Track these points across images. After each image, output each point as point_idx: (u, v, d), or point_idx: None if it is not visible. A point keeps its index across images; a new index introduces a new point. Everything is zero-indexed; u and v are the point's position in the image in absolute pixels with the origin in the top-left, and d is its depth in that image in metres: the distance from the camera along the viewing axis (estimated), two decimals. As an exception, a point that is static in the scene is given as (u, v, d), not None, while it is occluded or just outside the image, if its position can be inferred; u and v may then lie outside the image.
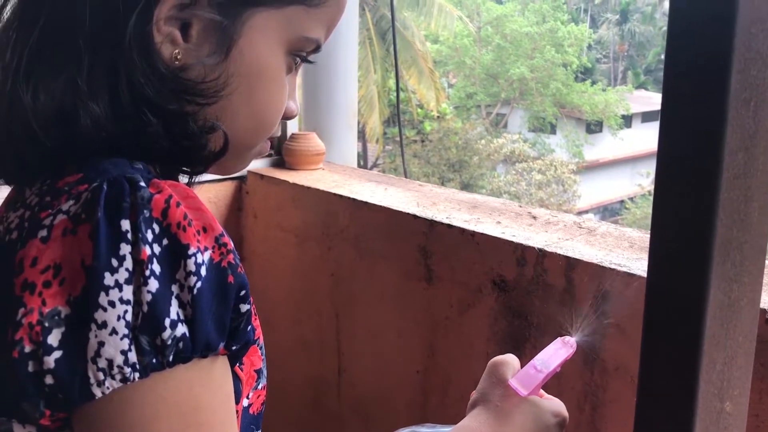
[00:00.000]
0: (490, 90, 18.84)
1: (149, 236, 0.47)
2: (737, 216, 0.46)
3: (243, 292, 0.51)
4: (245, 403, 0.62)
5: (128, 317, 0.46)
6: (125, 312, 0.46)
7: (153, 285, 0.47)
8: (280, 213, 1.71)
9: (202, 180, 0.66)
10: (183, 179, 0.62)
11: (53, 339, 0.46)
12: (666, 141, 0.48)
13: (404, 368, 1.42)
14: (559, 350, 0.78)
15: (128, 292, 0.47)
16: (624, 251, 1.13)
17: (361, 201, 1.48)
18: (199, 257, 0.48)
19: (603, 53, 27.37)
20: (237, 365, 0.58)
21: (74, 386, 0.46)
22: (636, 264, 1.06)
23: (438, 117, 15.40)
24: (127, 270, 0.47)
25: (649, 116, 20.60)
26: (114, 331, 0.46)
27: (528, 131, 19.04)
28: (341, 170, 1.79)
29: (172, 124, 0.54)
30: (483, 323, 1.25)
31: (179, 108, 0.55)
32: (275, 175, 1.73)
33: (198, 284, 0.48)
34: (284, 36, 0.59)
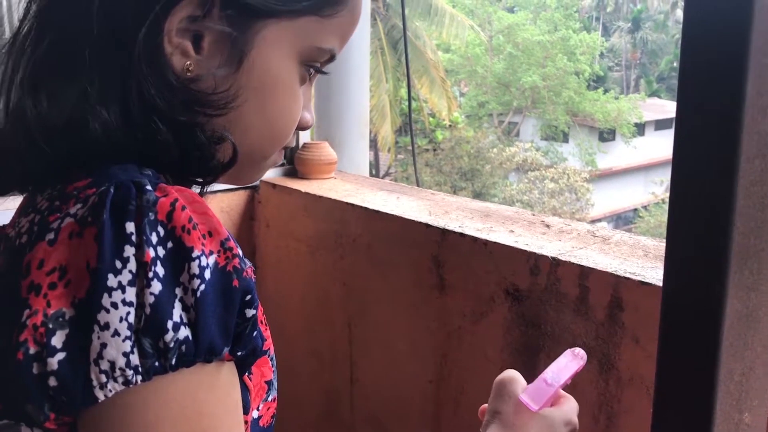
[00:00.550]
0: (502, 98, 18.83)
1: (154, 239, 0.47)
2: (754, 224, 0.46)
3: (248, 297, 0.51)
4: (255, 415, 0.62)
5: (131, 319, 0.46)
6: (128, 314, 0.46)
7: (156, 287, 0.47)
8: (293, 222, 1.71)
9: (215, 189, 0.66)
10: (196, 189, 0.62)
11: (57, 341, 0.46)
12: (681, 148, 0.47)
13: (417, 378, 1.41)
14: (570, 362, 0.77)
15: (131, 294, 0.46)
16: (639, 260, 1.12)
17: (373, 210, 1.48)
18: (204, 260, 0.48)
19: (615, 61, 27.31)
20: (246, 375, 0.58)
21: (77, 389, 0.46)
22: (651, 273, 1.05)
23: (450, 126, 15.39)
24: (131, 272, 0.47)
25: (663, 124, 20.51)
26: (116, 333, 0.46)
27: (540, 140, 19.01)
28: (353, 179, 1.79)
29: (182, 134, 0.55)
30: (496, 333, 1.24)
31: (189, 119, 0.55)
32: (287, 185, 1.73)
33: (201, 287, 0.48)
34: (297, 47, 0.59)
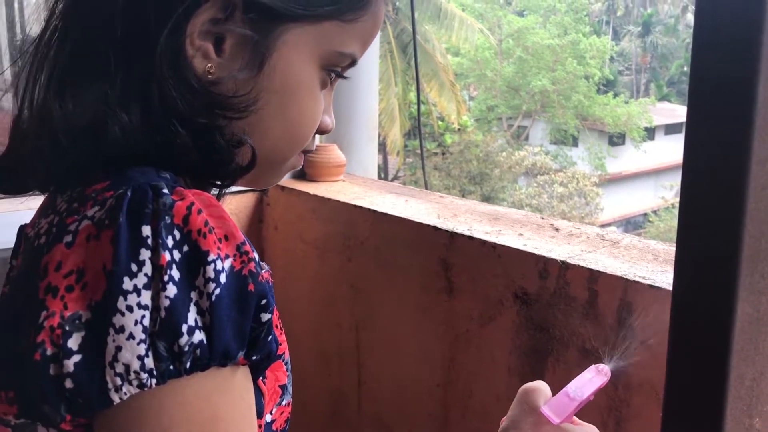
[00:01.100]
0: (512, 102, 18.80)
1: (170, 242, 0.48)
2: (765, 227, 0.45)
3: (264, 301, 0.51)
4: (268, 419, 0.62)
5: (146, 322, 0.46)
6: (143, 317, 0.46)
7: (171, 290, 0.47)
8: (301, 224, 1.71)
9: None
10: (214, 192, 0.62)
11: (73, 343, 0.46)
12: (692, 151, 0.47)
13: (424, 381, 1.41)
14: (594, 378, 0.77)
15: (146, 297, 0.47)
16: (648, 263, 1.11)
17: (382, 213, 1.47)
18: (219, 264, 0.48)
19: (625, 65, 27.23)
20: (260, 379, 0.58)
21: (93, 391, 0.46)
22: (661, 277, 1.04)
23: (459, 129, 15.39)
24: (146, 275, 0.47)
25: (673, 128, 20.42)
26: (131, 336, 0.46)
27: (549, 144, 18.97)
28: (362, 182, 1.79)
29: (201, 137, 0.55)
30: (504, 336, 1.24)
31: (209, 122, 0.55)
32: (296, 187, 1.73)
33: (217, 291, 0.48)
34: (318, 51, 0.59)
